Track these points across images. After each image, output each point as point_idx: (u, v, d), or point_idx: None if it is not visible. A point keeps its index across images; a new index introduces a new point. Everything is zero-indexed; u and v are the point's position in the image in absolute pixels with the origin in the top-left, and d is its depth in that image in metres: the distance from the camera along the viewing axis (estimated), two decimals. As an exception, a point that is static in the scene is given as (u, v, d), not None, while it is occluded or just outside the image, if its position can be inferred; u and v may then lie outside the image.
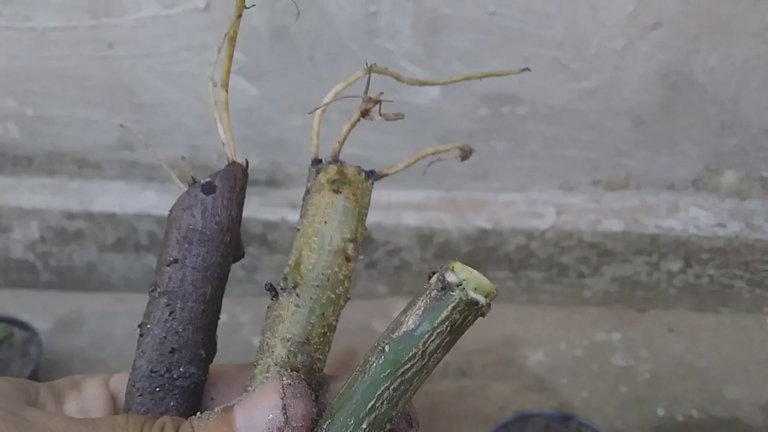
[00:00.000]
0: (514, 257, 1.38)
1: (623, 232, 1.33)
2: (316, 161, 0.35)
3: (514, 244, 1.37)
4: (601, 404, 1.23)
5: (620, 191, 1.37)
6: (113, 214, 1.42)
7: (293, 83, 1.28)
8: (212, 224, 0.35)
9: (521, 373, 1.30)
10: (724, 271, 1.35)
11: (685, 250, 1.34)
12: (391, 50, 1.21)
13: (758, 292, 1.37)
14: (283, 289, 0.33)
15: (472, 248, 1.38)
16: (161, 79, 1.30)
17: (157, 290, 0.35)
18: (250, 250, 1.40)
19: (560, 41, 1.18)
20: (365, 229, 0.34)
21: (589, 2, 1.14)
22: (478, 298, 0.25)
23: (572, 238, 1.35)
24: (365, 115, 0.35)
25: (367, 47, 1.21)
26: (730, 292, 1.38)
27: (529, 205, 1.38)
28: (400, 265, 1.40)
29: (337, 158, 0.35)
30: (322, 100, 0.35)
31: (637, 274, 1.38)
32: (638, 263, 1.36)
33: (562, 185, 1.37)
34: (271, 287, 0.34)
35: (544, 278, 1.41)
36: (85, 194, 1.45)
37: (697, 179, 1.34)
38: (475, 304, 0.25)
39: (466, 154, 0.37)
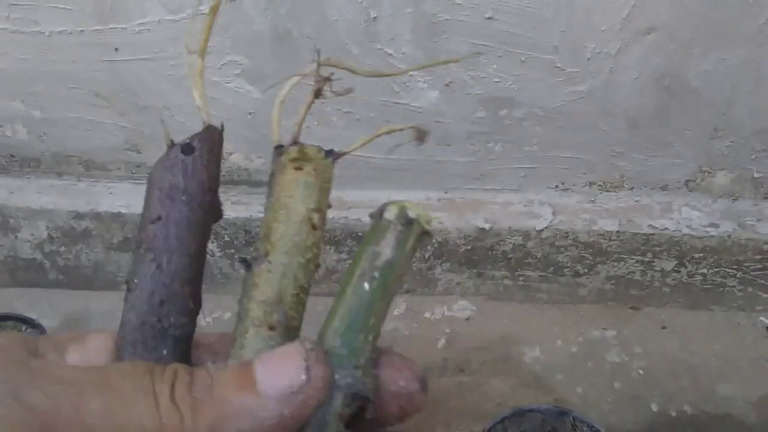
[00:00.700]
0: (511, 256, 1.41)
1: (618, 231, 1.35)
2: (278, 147, 0.38)
3: (511, 243, 1.39)
4: (596, 400, 1.26)
5: (615, 192, 1.39)
6: (120, 214, 1.44)
7: (295, 86, 1.29)
8: (194, 183, 0.36)
9: (518, 369, 1.32)
10: (716, 270, 1.37)
11: (678, 249, 1.36)
12: (391, 54, 1.23)
13: (750, 290, 1.39)
14: (254, 258, 0.35)
15: (470, 247, 1.40)
16: (166, 82, 1.32)
17: (142, 247, 0.36)
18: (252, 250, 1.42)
19: (556, 45, 1.20)
20: (329, 203, 0.36)
21: (584, 7, 1.15)
22: (428, 227, 0.33)
23: (568, 237, 1.37)
24: (318, 95, 0.38)
25: (367, 51, 1.23)
26: (722, 290, 1.40)
27: (526, 205, 1.40)
28: (399, 264, 1.42)
29: (297, 140, 0.38)
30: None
31: (631, 272, 1.40)
32: (632, 262, 1.38)
33: (558, 186, 1.39)
34: (244, 260, 0.35)
35: (540, 277, 1.43)
36: (92, 195, 1.47)
37: (690, 180, 1.36)
38: (427, 232, 0.33)
39: (421, 136, 0.39)
